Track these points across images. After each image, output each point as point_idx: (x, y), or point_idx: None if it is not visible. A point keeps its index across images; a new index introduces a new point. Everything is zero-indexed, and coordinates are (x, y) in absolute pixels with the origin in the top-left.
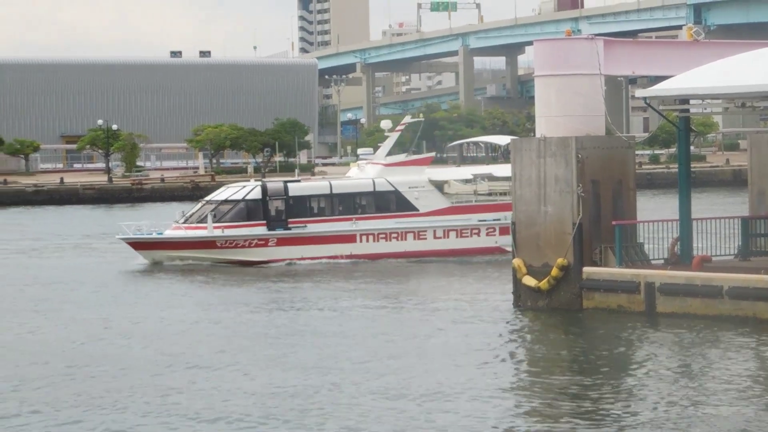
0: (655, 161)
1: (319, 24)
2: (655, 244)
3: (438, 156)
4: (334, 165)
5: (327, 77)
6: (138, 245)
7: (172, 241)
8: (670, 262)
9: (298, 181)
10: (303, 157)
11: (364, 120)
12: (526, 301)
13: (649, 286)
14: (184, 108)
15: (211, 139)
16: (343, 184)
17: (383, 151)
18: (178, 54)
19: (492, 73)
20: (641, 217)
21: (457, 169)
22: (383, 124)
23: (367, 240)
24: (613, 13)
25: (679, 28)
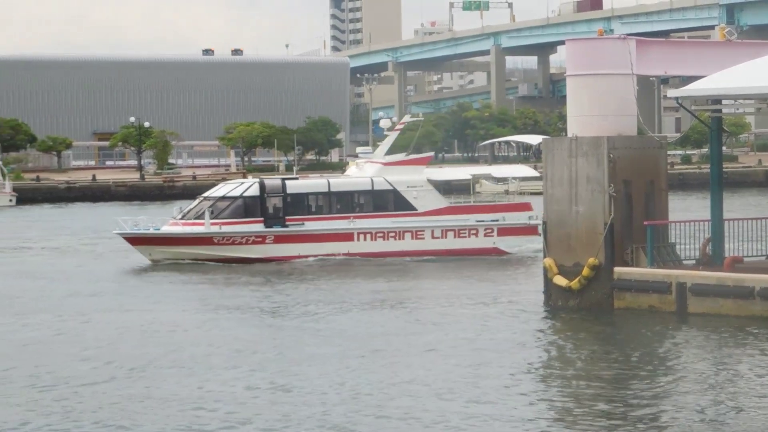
0: (687, 162)
1: (351, 22)
2: (687, 245)
3: (470, 155)
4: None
5: (359, 76)
6: (134, 240)
7: (168, 237)
8: (701, 262)
9: (296, 179)
10: (334, 156)
11: (395, 119)
12: (556, 301)
13: (681, 286)
14: (216, 106)
15: (243, 137)
16: (341, 183)
17: (382, 150)
18: (210, 52)
19: (524, 72)
20: (673, 218)
21: (456, 169)
22: (382, 123)
23: (365, 239)
24: (645, 13)
25: (712, 28)
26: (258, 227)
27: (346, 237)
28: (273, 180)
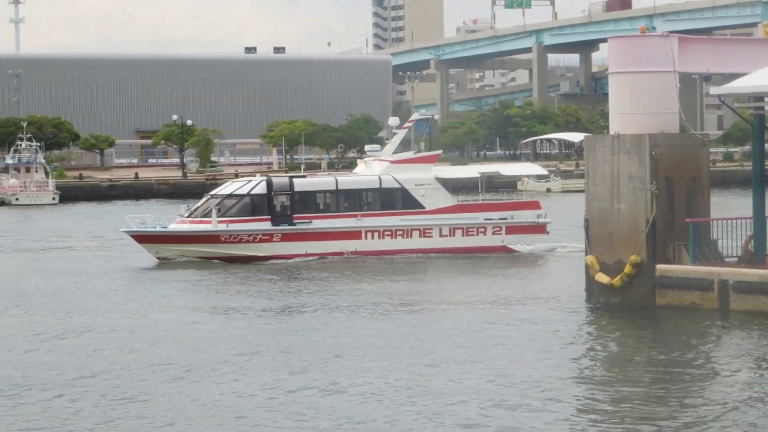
0: (729, 159)
1: (394, 20)
2: (729, 242)
3: (511, 153)
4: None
5: (401, 73)
6: (142, 238)
7: (175, 235)
8: (743, 260)
9: (304, 177)
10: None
11: (437, 116)
12: (598, 298)
13: (723, 283)
14: (258, 104)
15: (285, 135)
16: (348, 181)
17: (390, 147)
18: (253, 50)
19: (566, 69)
20: (715, 215)
21: (464, 168)
22: (390, 121)
23: (372, 237)
24: (687, 11)
25: (754, 25)
26: (265, 225)
27: (353, 235)
28: (280, 178)
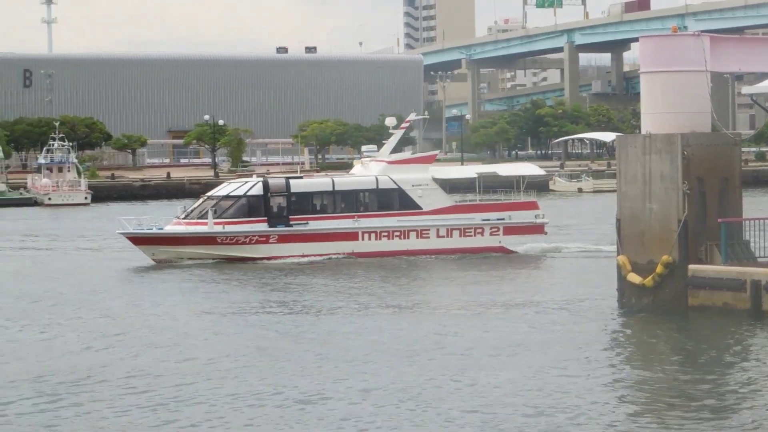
0: (761, 159)
1: (425, 20)
2: (761, 242)
3: (543, 153)
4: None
5: (432, 73)
6: (137, 240)
7: (171, 237)
8: None
9: (300, 178)
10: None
11: (469, 116)
12: (630, 299)
13: (755, 284)
14: (289, 103)
15: (317, 135)
16: (345, 181)
17: (387, 148)
18: (284, 50)
19: (597, 69)
20: (747, 215)
21: (461, 168)
22: (387, 122)
23: (369, 238)
24: (719, 10)
25: None
26: (261, 227)
27: (350, 236)
28: (277, 179)
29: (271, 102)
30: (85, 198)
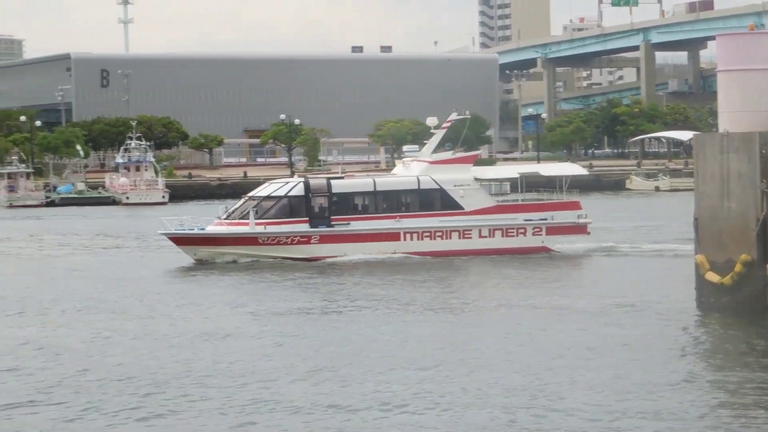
0: None
1: (500, 19)
2: None
3: (619, 151)
4: (515, 160)
5: (508, 72)
6: (179, 241)
7: (213, 237)
8: None
9: (342, 178)
10: (484, 152)
11: (545, 115)
12: (709, 298)
13: None
14: (365, 102)
15: (393, 134)
16: (387, 182)
17: (429, 148)
18: (359, 49)
19: (674, 67)
20: None
21: (502, 168)
22: (429, 121)
23: (411, 238)
24: None
25: None
26: (303, 227)
27: (392, 237)
28: (318, 179)
29: (347, 101)
30: (163, 197)
